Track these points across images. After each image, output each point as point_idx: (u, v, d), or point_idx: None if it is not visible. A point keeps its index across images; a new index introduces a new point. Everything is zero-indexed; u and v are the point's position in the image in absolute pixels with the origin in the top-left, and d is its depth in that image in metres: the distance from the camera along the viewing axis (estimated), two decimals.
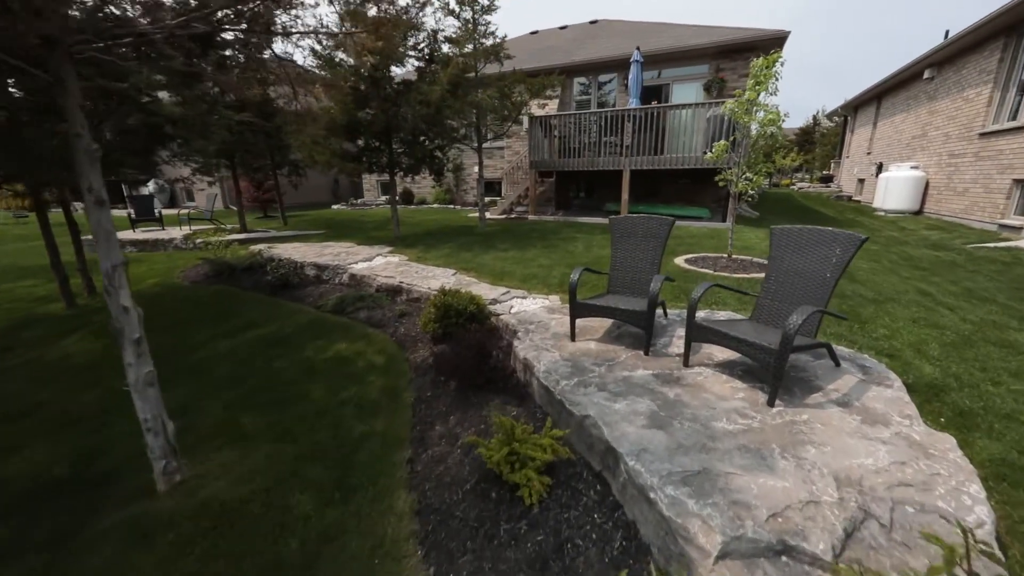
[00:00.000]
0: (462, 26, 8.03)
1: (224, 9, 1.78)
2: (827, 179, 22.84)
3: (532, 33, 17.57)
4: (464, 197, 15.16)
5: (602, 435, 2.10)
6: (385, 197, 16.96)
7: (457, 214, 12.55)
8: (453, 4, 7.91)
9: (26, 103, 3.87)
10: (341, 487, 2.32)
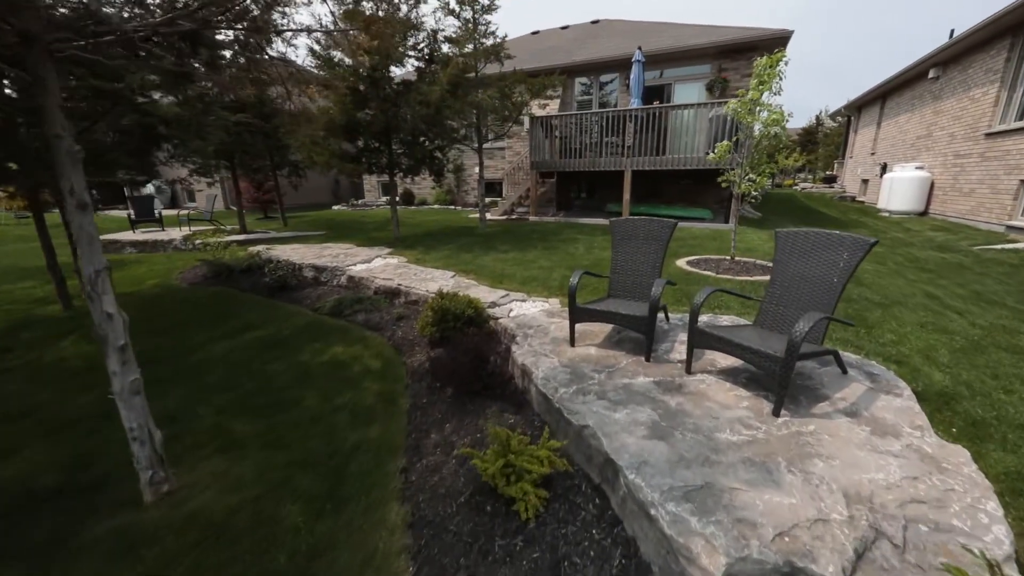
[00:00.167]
0: (462, 26, 7.98)
1: (209, 7, 1.73)
2: (830, 180, 22.70)
3: (533, 33, 17.50)
4: (465, 198, 15.10)
5: (601, 446, 2.03)
6: (386, 198, 16.92)
7: (458, 215, 12.49)
8: (453, 4, 7.87)
9: (20, 103, 3.83)
10: (332, 498, 2.25)
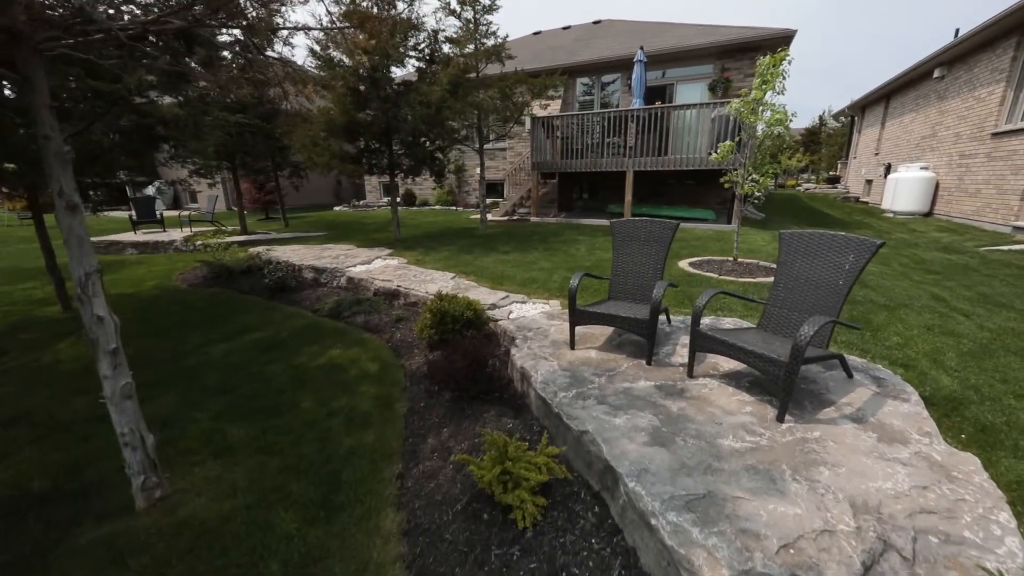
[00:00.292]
0: (463, 26, 7.95)
1: (199, 5, 1.69)
2: (834, 180, 22.57)
3: (535, 34, 17.47)
4: (466, 198, 15.06)
5: (601, 453, 1.98)
6: (387, 199, 16.89)
7: (459, 216, 12.45)
8: (454, 4, 7.84)
9: (15, 103, 3.81)
10: (326, 505, 2.21)
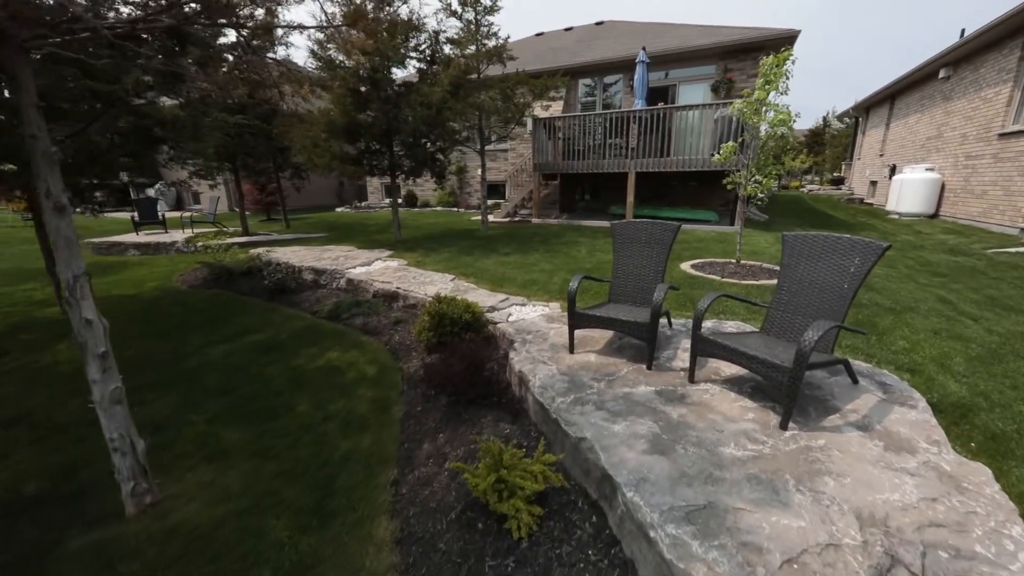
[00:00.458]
0: (464, 27, 7.92)
1: (189, 3, 1.66)
2: (838, 181, 22.44)
3: (538, 35, 17.44)
4: (468, 200, 15.03)
5: (599, 461, 1.93)
6: (389, 200, 16.89)
7: (460, 217, 12.42)
8: (456, 5, 7.82)
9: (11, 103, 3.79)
10: (320, 511, 2.17)
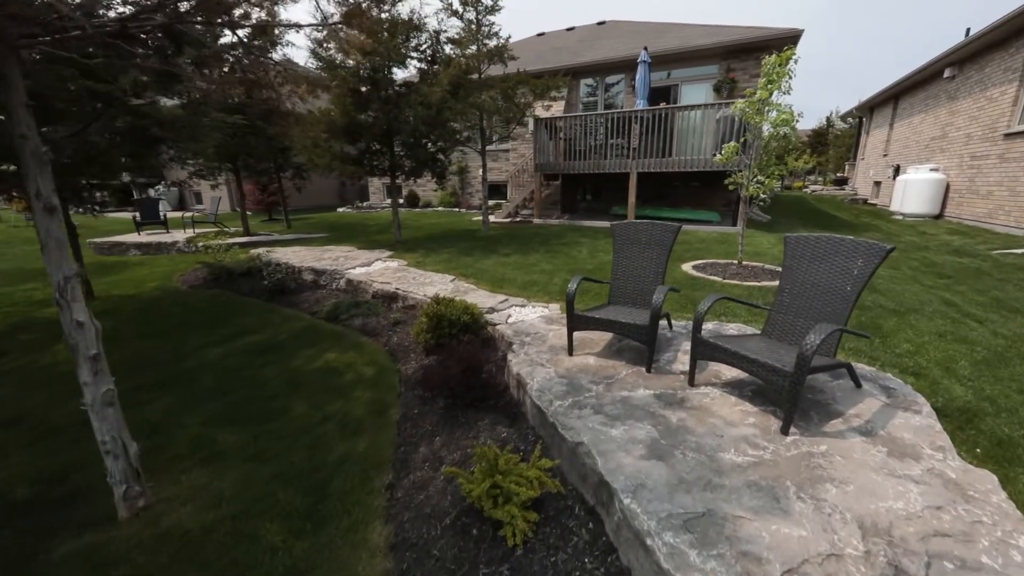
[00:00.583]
0: (465, 27, 7.90)
1: (183, 1, 1.64)
2: (841, 182, 22.31)
3: (539, 35, 17.41)
4: (469, 200, 15.00)
5: (596, 466, 1.90)
6: (391, 200, 16.86)
7: (461, 217, 12.40)
8: (457, 5, 7.80)
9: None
10: (313, 516, 2.15)
